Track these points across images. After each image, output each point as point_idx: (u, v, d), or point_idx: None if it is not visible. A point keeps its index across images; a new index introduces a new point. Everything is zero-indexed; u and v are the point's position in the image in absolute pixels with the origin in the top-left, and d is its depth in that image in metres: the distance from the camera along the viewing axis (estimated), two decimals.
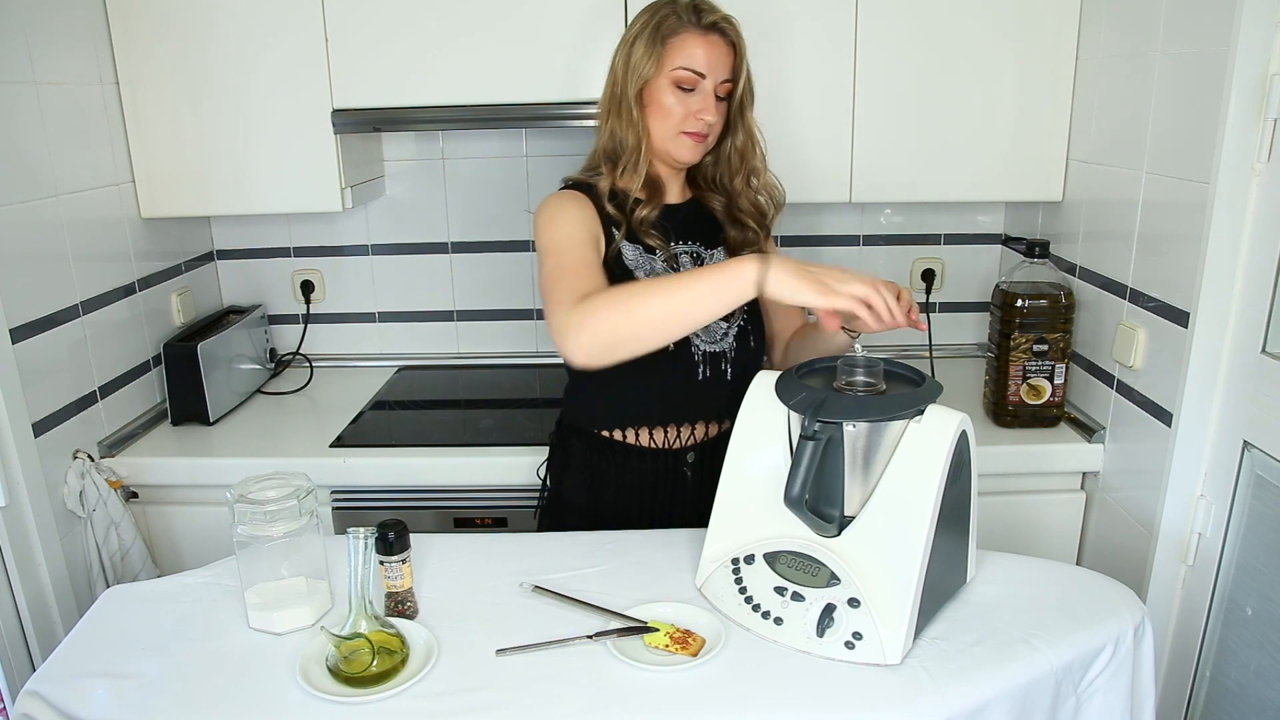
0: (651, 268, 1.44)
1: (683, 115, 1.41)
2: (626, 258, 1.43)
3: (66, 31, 1.78)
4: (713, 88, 1.41)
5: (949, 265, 2.31)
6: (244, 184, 1.97)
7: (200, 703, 1.09)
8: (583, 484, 1.53)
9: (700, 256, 1.50)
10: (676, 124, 1.42)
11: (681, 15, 1.40)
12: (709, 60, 1.40)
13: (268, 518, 1.21)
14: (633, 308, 1.23)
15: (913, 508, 1.13)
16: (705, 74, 1.40)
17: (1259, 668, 1.45)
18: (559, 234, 1.39)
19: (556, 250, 1.37)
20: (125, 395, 1.93)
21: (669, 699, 1.07)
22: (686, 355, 1.44)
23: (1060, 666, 1.13)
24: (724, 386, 1.46)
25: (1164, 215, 1.57)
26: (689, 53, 1.39)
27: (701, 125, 1.42)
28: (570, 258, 1.35)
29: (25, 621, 1.59)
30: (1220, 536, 1.51)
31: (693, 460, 1.50)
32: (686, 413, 1.48)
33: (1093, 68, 1.81)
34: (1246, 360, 1.44)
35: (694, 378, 1.45)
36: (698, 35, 1.39)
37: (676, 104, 1.41)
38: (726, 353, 1.47)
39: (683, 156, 1.45)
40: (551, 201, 1.44)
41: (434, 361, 2.40)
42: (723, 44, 1.41)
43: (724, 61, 1.41)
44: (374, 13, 1.86)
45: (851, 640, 1.12)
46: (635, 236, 1.44)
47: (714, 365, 1.46)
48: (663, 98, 1.41)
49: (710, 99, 1.42)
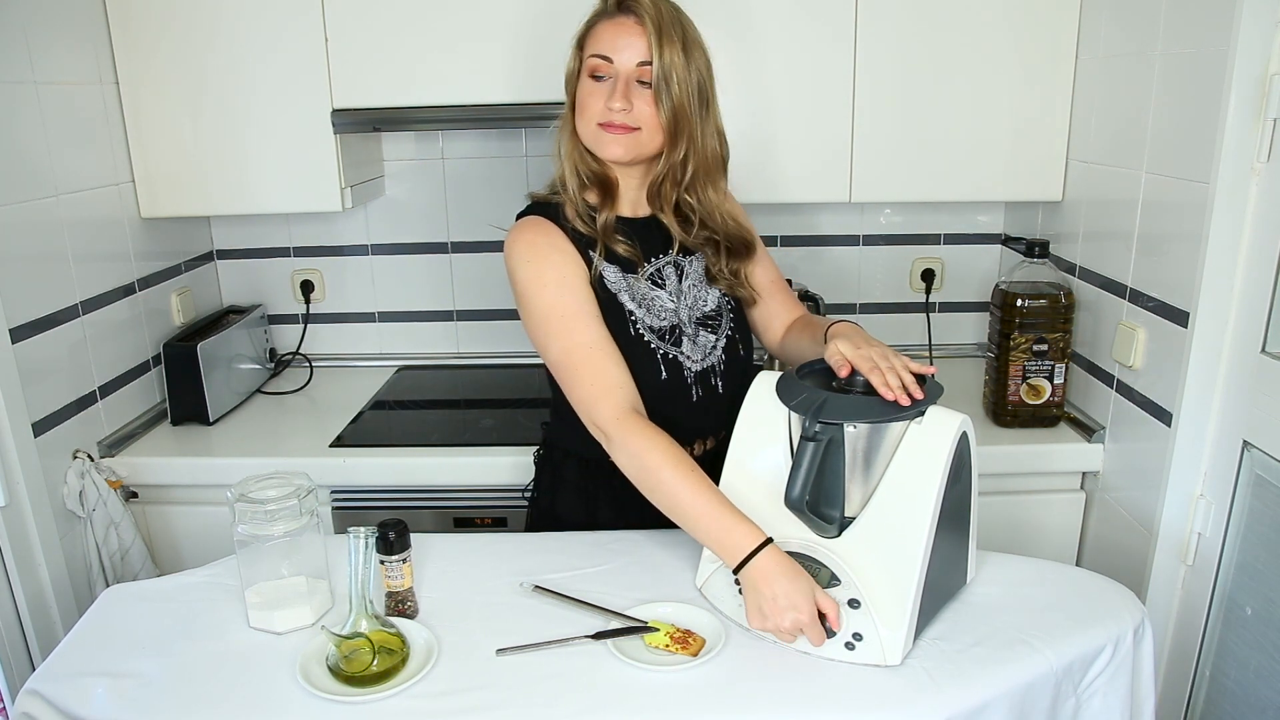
0: (634, 290, 1.38)
1: (598, 107, 1.32)
2: (608, 281, 1.37)
3: (66, 31, 1.78)
4: (626, 74, 1.31)
5: (949, 265, 2.31)
6: (244, 184, 1.97)
7: (200, 702, 1.09)
8: (578, 504, 1.49)
9: (681, 267, 1.44)
10: (594, 116, 1.33)
11: (602, 7, 1.35)
12: (615, 42, 1.31)
13: (268, 517, 1.21)
14: (649, 489, 1.25)
15: (913, 509, 1.13)
16: (611, 57, 1.31)
17: (1259, 668, 1.45)
18: (551, 301, 1.33)
19: (561, 330, 1.32)
20: (125, 395, 1.93)
21: (669, 699, 1.08)
22: (679, 381, 1.39)
23: (1060, 667, 1.13)
24: (718, 401, 1.43)
25: (1164, 215, 1.57)
26: (597, 38, 1.33)
27: (612, 115, 1.32)
28: (578, 338, 1.31)
29: (25, 621, 1.59)
30: (1220, 536, 1.51)
31: None
32: (683, 434, 1.41)
33: (1093, 68, 1.81)
34: (1246, 360, 1.44)
35: (688, 400, 1.40)
36: (606, 20, 1.33)
37: (591, 96, 1.33)
38: (716, 367, 1.43)
39: (605, 153, 1.35)
40: (523, 244, 1.37)
41: (434, 361, 2.40)
42: (631, 23, 1.31)
43: (635, 43, 1.30)
44: (374, 13, 1.86)
45: (852, 641, 1.12)
46: (611, 254, 1.38)
47: (705, 383, 1.42)
48: (581, 93, 1.35)
49: (621, 85, 1.31)
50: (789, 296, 1.56)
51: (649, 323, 1.38)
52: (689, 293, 1.44)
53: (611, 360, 1.31)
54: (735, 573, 1.17)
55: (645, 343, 1.37)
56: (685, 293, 1.43)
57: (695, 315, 1.43)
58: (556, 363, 1.33)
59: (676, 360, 1.39)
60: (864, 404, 1.16)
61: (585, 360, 1.31)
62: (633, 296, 1.38)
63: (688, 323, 1.42)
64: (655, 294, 1.40)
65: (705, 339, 1.43)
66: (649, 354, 1.37)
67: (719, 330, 1.45)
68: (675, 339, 1.40)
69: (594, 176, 1.38)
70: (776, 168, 1.95)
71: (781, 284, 1.56)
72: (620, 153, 1.35)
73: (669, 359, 1.38)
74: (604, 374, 1.30)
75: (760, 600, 1.14)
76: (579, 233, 1.37)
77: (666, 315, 1.40)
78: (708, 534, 1.20)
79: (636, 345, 1.36)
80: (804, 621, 1.12)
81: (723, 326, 1.45)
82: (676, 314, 1.41)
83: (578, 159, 1.38)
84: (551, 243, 1.36)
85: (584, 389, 1.30)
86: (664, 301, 1.41)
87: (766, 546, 1.16)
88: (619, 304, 1.37)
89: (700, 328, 1.43)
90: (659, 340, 1.38)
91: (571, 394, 1.32)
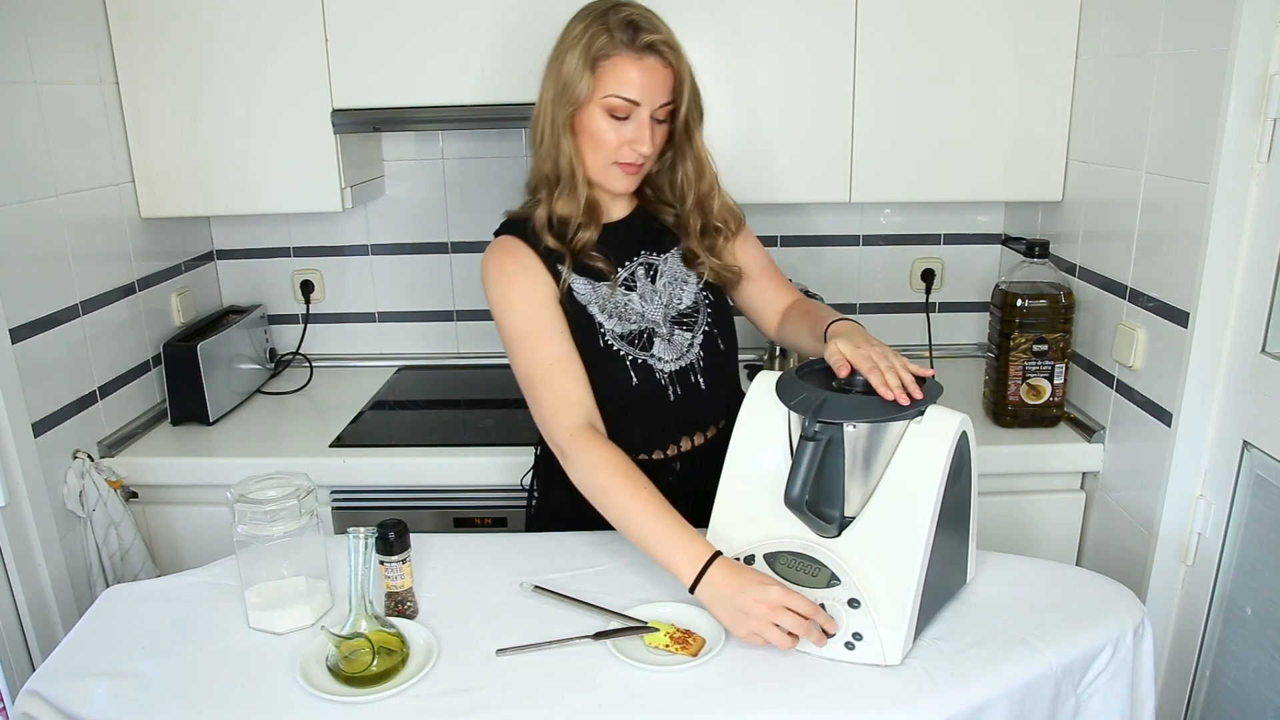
0: (604, 300, 1.39)
1: (616, 145, 1.32)
2: (578, 294, 1.38)
3: (66, 31, 1.78)
4: (649, 115, 1.31)
5: (949, 265, 2.31)
6: (244, 184, 1.97)
7: (200, 703, 1.09)
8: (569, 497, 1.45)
9: (654, 266, 1.44)
10: (610, 154, 1.33)
11: (614, 34, 1.28)
12: (644, 86, 1.29)
13: (268, 517, 1.21)
14: (601, 505, 1.27)
15: (913, 508, 1.13)
16: (640, 101, 1.29)
17: (1259, 668, 1.45)
18: (516, 321, 1.35)
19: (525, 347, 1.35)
20: (125, 395, 1.93)
21: (669, 699, 1.08)
22: (651, 384, 1.39)
23: (1060, 667, 1.13)
24: (701, 397, 1.43)
25: (1164, 215, 1.57)
26: (622, 78, 1.28)
27: (636, 156, 1.33)
28: (540, 355, 1.34)
29: (25, 621, 1.59)
30: (1220, 536, 1.51)
31: (679, 469, 1.46)
32: (667, 434, 1.44)
33: (1093, 68, 1.81)
34: (1246, 360, 1.44)
35: (664, 401, 1.40)
36: (631, 59, 1.28)
37: (609, 132, 1.31)
38: (695, 364, 1.42)
39: (616, 187, 1.37)
40: (493, 267, 1.39)
41: (434, 361, 2.40)
42: (659, 66, 1.30)
43: (661, 85, 1.30)
44: (374, 13, 1.86)
45: (851, 641, 1.12)
46: (582, 266, 1.38)
47: (683, 381, 1.41)
48: (595, 126, 1.31)
49: (645, 128, 1.31)
50: (782, 282, 1.55)
51: (618, 330, 1.38)
52: (664, 291, 1.44)
53: (571, 377, 1.33)
54: (693, 589, 1.16)
55: (614, 351, 1.38)
56: (659, 292, 1.43)
57: (670, 314, 1.43)
58: (522, 379, 1.37)
59: (647, 364, 1.39)
60: (864, 404, 1.16)
61: (545, 378, 1.33)
62: (602, 307, 1.39)
63: (662, 322, 1.42)
64: (626, 298, 1.41)
65: (681, 338, 1.43)
66: (618, 361, 1.37)
67: (695, 327, 1.44)
68: (645, 343, 1.40)
69: (585, 201, 1.37)
70: (776, 168, 1.95)
71: (773, 270, 1.56)
72: (629, 186, 1.38)
73: (639, 364, 1.38)
74: (562, 391, 1.32)
75: (732, 600, 1.13)
76: (549, 249, 1.37)
77: (636, 320, 1.40)
78: (658, 548, 1.20)
79: (606, 354, 1.37)
80: (780, 596, 1.10)
81: (699, 323, 1.44)
82: (646, 317, 1.41)
83: (575, 182, 1.36)
84: (520, 264, 1.38)
85: (544, 406, 1.33)
86: (635, 305, 1.41)
87: (718, 559, 1.16)
88: (588, 315, 1.38)
89: (676, 326, 1.43)
90: (628, 346, 1.38)
91: (534, 410, 1.36)
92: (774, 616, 1.10)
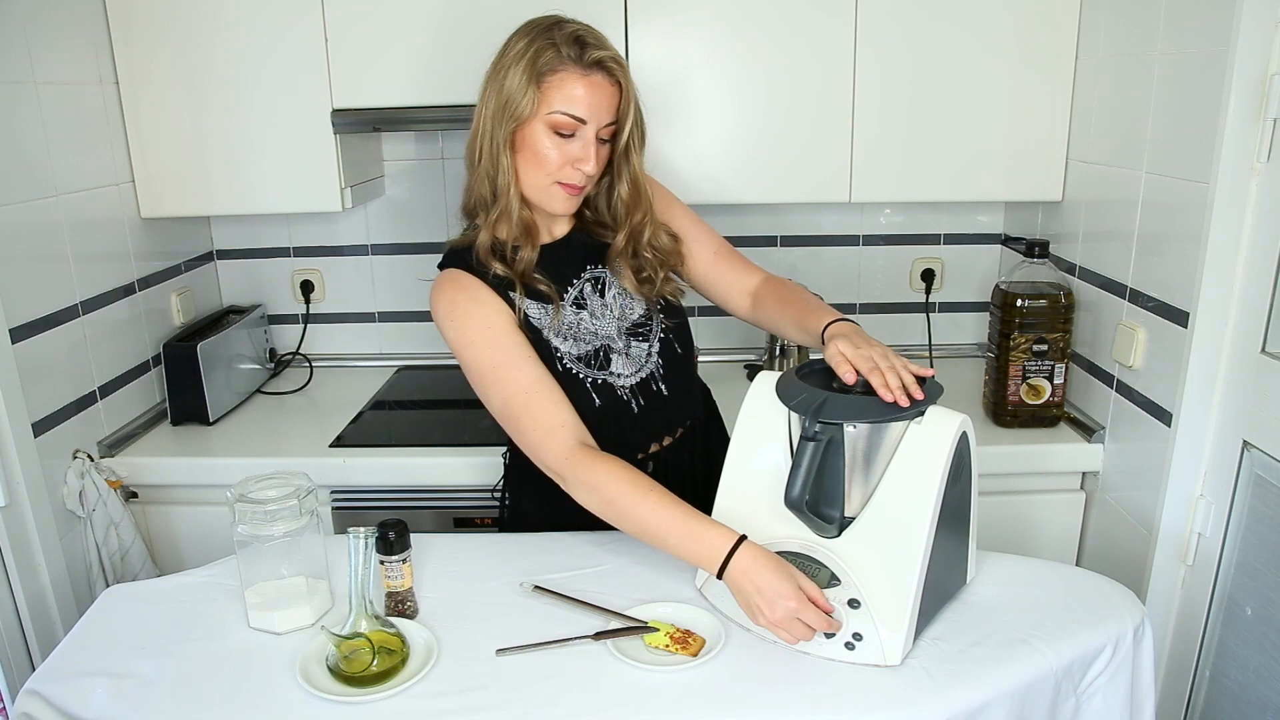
0: (557, 323, 1.36)
1: (559, 164, 1.28)
2: (533, 318, 1.35)
3: (66, 31, 1.78)
4: (594, 134, 1.28)
5: (949, 265, 2.31)
6: (244, 184, 1.97)
7: (200, 703, 1.09)
8: (543, 500, 1.43)
9: (600, 279, 1.41)
10: (552, 173, 1.29)
11: (561, 49, 1.25)
12: (590, 104, 1.26)
13: (268, 517, 1.21)
14: (615, 520, 1.25)
15: (913, 509, 1.13)
16: (587, 119, 1.26)
17: (1259, 668, 1.45)
18: (482, 357, 1.31)
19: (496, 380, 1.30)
20: (125, 395, 1.93)
21: (669, 699, 1.08)
22: (614, 401, 1.37)
23: (1060, 667, 1.13)
24: (662, 403, 1.42)
25: (1164, 215, 1.57)
26: (569, 94, 1.25)
27: (579, 177, 1.30)
28: (514, 386, 1.29)
29: (25, 621, 1.59)
30: (1220, 536, 1.51)
31: (652, 469, 1.43)
32: (633, 445, 1.41)
33: (1093, 68, 1.81)
34: (1246, 360, 1.44)
35: (629, 415, 1.39)
36: (578, 75, 1.25)
37: (552, 150, 1.28)
38: (654, 372, 1.41)
39: (556, 208, 1.34)
40: (445, 305, 1.34)
41: (434, 361, 2.40)
42: (607, 84, 1.27)
43: (608, 104, 1.28)
44: (374, 13, 1.86)
45: (852, 641, 1.12)
46: (531, 290, 1.35)
47: (645, 391, 1.40)
48: (537, 144, 1.28)
49: (591, 147, 1.28)
50: (739, 262, 1.50)
51: (574, 353, 1.37)
52: (614, 304, 1.41)
53: (550, 400, 1.30)
54: (720, 577, 1.16)
55: (573, 375, 1.36)
56: (610, 305, 1.41)
57: (625, 326, 1.41)
58: (500, 414, 1.33)
59: (607, 383, 1.37)
60: (864, 404, 1.16)
61: (524, 407, 1.30)
62: (557, 331, 1.36)
63: (617, 336, 1.40)
64: (578, 317, 1.39)
65: (638, 349, 1.41)
66: (578, 385, 1.36)
67: (650, 335, 1.42)
68: (602, 361, 1.38)
69: (520, 222, 1.34)
70: (777, 168, 1.95)
71: (727, 252, 1.50)
72: (569, 208, 1.35)
73: (599, 384, 1.37)
74: (545, 416, 1.29)
75: (748, 598, 1.14)
76: (498, 276, 1.34)
77: (590, 339, 1.38)
78: (680, 548, 1.20)
79: (566, 379, 1.35)
80: (794, 608, 1.11)
81: (654, 330, 1.43)
82: (599, 334, 1.39)
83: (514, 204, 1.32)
84: (471, 296, 1.34)
85: (528, 435, 1.30)
86: (587, 324, 1.39)
87: (743, 544, 1.15)
88: (545, 340, 1.35)
89: (631, 338, 1.41)
90: (586, 368, 1.37)
91: (520, 441, 1.32)
92: (783, 625, 1.12)
